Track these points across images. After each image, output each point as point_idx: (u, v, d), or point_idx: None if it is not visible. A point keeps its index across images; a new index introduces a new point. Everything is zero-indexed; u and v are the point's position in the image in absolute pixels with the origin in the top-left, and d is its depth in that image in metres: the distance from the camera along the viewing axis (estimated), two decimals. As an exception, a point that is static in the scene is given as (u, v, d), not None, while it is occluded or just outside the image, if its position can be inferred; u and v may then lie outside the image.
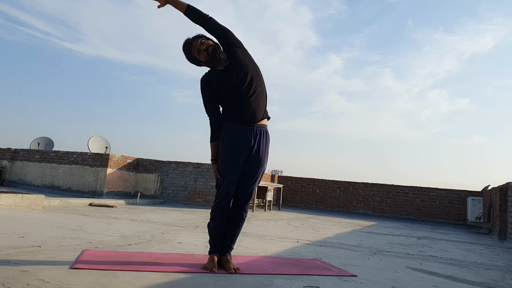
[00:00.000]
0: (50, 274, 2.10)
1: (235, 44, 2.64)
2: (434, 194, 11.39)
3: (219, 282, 2.23)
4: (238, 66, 2.59)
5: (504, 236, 7.18)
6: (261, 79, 2.69)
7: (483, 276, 3.23)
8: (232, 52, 2.61)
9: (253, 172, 2.64)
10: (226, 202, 2.61)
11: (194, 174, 10.22)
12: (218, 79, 2.62)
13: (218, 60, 2.56)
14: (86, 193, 9.81)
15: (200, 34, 2.64)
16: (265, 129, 2.70)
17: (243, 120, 2.60)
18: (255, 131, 2.62)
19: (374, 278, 2.71)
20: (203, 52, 2.57)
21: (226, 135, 2.61)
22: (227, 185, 2.57)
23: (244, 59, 2.62)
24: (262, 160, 2.65)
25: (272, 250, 3.70)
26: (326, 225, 7.35)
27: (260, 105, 2.64)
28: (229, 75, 2.59)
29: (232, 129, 2.60)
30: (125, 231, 4.20)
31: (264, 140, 2.67)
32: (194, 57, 2.61)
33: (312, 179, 12.81)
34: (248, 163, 2.62)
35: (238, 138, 2.58)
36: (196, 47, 2.59)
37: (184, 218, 6.31)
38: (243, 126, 2.60)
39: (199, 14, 2.60)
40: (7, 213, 5.04)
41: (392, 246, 4.81)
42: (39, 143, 12.47)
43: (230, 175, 2.57)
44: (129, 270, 2.34)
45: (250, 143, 2.59)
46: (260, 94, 2.64)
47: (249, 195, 2.68)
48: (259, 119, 2.63)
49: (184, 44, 2.64)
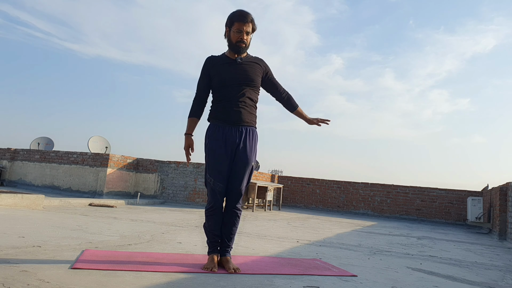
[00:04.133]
0: (50, 274, 2.10)
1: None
2: (434, 194, 11.39)
3: (219, 282, 2.23)
4: (246, 69, 2.66)
5: (504, 236, 7.18)
6: (257, 90, 2.74)
7: (483, 276, 3.23)
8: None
9: (240, 170, 2.65)
10: (218, 201, 2.63)
11: (194, 174, 10.22)
12: (221, 63, 2.65)
13: (243, 49, 2.63)
14: (86, 193, 9.81)
15: (254, 20, 2.65)
16: (252, 128, 2.72)
17: (229, 120, 2.62)
18: (241, 130, 2.64)
19: (374, 278, 2.71)
20: (246, 35, 2.60)
21: (212, 134, 2.64)
22: (215, 183, 2.60)
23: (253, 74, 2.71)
24: (249, 158, 2.65)
25: (272, 250, 3.70)
26: (326, 225, 7.35)
27: (247, 109, 2.67)
28: (232, 66, 2.64)
29: (218, 127, 2.63)
30: (125, 231, 4.20)
31: (251, 139, 2.68)
32: (241, 30, 2.59)
33: (312, 179, 12.81)
34: (235, 162, 2.64)
35: (224, 137, 2.61)
36: (249, 26, 2.61)
37: (184, 218, 6.31)
38: (228, 125, 2.63)
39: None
40: (7, 213, 5.04)
41: (392, 246, 4.81)
42: (39, 143, 12.46)
43: (217, 173, 2.60)
44: (129, 270, 2.34)
45: (235, 141, 2.61)
46: (250, 101, 2.68)
47: (239, 193, 2.68)
48: (245, 121, 2.66)
49: (245, 13, 2.61)
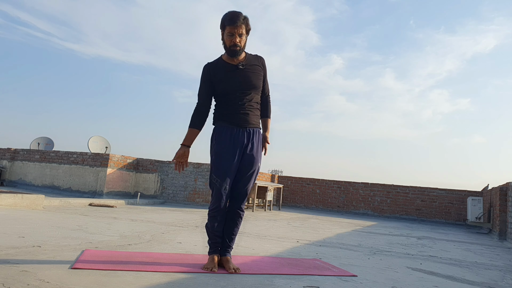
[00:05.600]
0: (50, 274, 2.10)
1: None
2: (434, 194, 11.39)
3: (219, 282, 2.23)
4: (248, 75, 2.64)
5: (504, 236, 7.17)
6: (260, 92, 2.73)
7: (483, 276, 3.23)
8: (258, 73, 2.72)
9: (247, 170, 2.64)
10: (222, 202, 2.61)
11: (194, 174, 10.22)
12: (223, 72, 2.61)
13: (238, 52, 2.55)
14: (86, 193, 9.81)
15: (247, 19, 2.57)
16: (258, 129, 2.73)
17: (236, 122, 2.62)
18: (248, 131, 2.65)
19: (374, 278, 2.71)
20: (239, 37, 2.52)
21: (220, 135, 2.62)
22: (221, 184, 2.58)
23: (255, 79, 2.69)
24: (256, 158, 2.66)
25: (272, 250, 3.70)
26: (326, 225, 7.35)
27: (253, 111, 2.67)
28: (236, 74, 2.61)
29: (226, 129, 2.62)
30: (125, 231, 4.20)
31: (257, 139, 2.69)
32: (233, 33, 2.51)
33: (312, 179, 12.81)
34: (243, 162, 2.63)
35: (231, 138, 2.60)
36: (242, 28, 2.52)
37: (184, 218, 6.31)
38: (236, 127, 2.62)
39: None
40: (7, 213, 5.04)
41: (392, 246, 4.81)
42: (39, 143, 12.46)
43: (224, 174, 2.58)
44: (129, 270, 2.34)
45: (243, 142, 2.61)
46: (255, 103, 2.69)
47: (244, 194, 2.68)
48: (252, 123, 2.66)
49: (236, 15, 2.52)
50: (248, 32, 2.60)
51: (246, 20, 2.55)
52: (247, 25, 2.57)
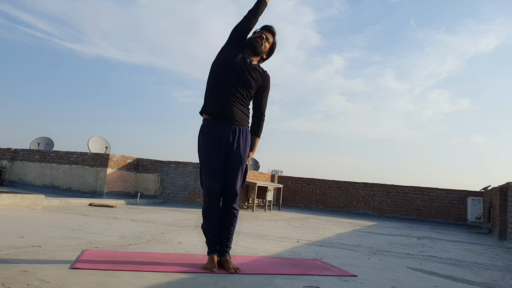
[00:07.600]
0: (50, 274, 2.10)
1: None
2: (434, 194, 11.39)
3: (219, 282, 2.23)
4: (258, 77, 2.74)
5: (504, 236, 7.18)
6: (250, 94, 2.75)
7: (483, 276, 3.23)
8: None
9: (234, 169, 2.66)
10: (214, 201, 2.63)
11: (194, 174, 10.22)
12: (238, 52, 2.70)
13: (257, 47, 2.72)
14: (86, 193, 9.81)
15: (276, 44, 2.87)
16: (245, 127, 2.73)
17: (222, 117, 2.63)
18: (234, 129, 2.65)
19: (374, 278, 2.71)
20: (266, 40, 2.76)
21: (206, 133, 2.65)
22: (210, 183, 2.61)
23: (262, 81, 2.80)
24: (242, 157, 2.67)
25: (272, 250, 3.70)
26: (326, 225, 7.35)
27: (241, 109, 2.68)
28: (240, 62, 2.66)
29: (211, 127, 2.64)
30: (125, 231, 4.20)
31: (244, 138, 2.70)
32: (264, 35, 2.76)
33: (312, 179, 12.81)
34: (229, 161, 2.65)
35: (217, 136, 2.62)
36: (271, 38, 2.81)
37: (184, 218, 6.31)
38: (221, 124, 2.63)
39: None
40: (7, 213, 5.04)
41: (392, 246, 4.81)
42: (39, 143, 12.46)
43: (212, 173, 2.60)
44: (129, 270, 2.34)
45: (229, 140, 2.63)
46: (244, 102, 2.70)
47: (234, 193, 2.69)
48: (237, 119, 2.66)
49: (274, 29, 2.84)
50: (272, 50, 2.84)
51: (275, 40, 2.84)
52: (275, 44, 2.83)
